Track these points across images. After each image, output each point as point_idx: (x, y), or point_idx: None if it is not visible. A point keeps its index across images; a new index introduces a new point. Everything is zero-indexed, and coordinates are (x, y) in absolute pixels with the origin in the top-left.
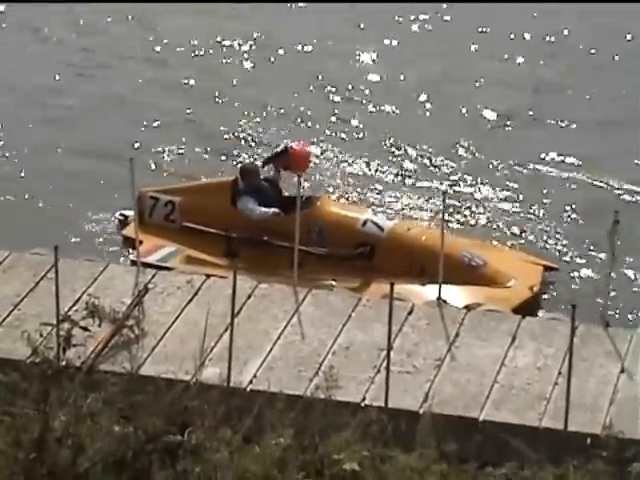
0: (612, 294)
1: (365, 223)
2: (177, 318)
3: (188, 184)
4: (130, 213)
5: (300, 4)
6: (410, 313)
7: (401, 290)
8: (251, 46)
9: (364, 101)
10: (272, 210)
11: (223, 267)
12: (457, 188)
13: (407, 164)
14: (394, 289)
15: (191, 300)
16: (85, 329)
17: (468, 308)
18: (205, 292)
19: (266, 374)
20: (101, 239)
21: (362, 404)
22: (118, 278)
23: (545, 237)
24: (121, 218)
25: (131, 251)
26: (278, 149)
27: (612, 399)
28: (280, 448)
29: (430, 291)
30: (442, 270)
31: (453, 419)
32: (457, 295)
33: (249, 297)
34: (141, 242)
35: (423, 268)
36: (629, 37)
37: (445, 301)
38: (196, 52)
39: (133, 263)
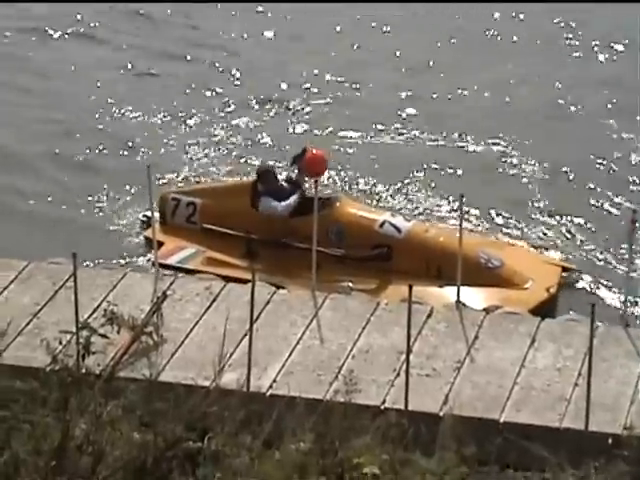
0: (631, 294)
1: (383, 224)
2: (196, 324)
3: (209, 185)
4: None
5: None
6: (429, 316)
7: (419, 292)
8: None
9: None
10: (293, 198)
11: (242, 268)
12: (475, 189)
13: (426, 165)
14: (412, 291)
15: (210, 306)
16: (104, 336)
17: (487, 310)
18: (224, 298)
19: (286, 379)
20: (123, 243)
21: (382, 407)
22: (137, 285)
23: (564, 237)
24: (144, 219)
25: (153, 253)
26: (300, 150)
27: (633, 399)
28: (300, 453)
29: (448, 293)
30: (460, 272)
31: (473, 421)
32: (475, 297)
33: (268, 303)
34: (163, 243)
35: (440, 269)
36: None
37: (464, 304)
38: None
39: (155, 265)
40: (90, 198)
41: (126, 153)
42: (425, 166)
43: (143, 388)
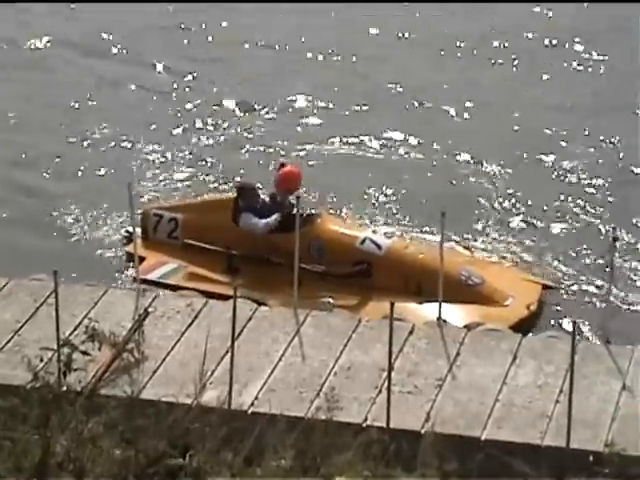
0: (612, 311)
1: (364, 241)
2: (178, 342)
3: (191, 201)
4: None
5: None
6: (410, 333)
7: (399, 309)
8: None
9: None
10: (274, 217)
11: (224, 284)
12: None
13: (406, 183)
14: (394, 308)
15: (191, 323)
16: (85, 353)
17: (468, 327)
18: (205, 315)
19: (267, 396)
20: (105, 259)
21: (364, 425)
22: (118, 302)
23: (544, 255)
24: (126, 235)
25: (134, 268)
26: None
27: (614, 416)
28: (282, 470)
29: (428, 310)
30: (442, 289)
31: (455, 438)
32: (456, 314)
33: (249, 319)
34: (144, 259)
35: (420, 286)
36: None
37: (445, 321)
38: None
39: (136, 280)
40: (70, 215)
41: (106, 169)
42: (406, 181)
43: (124, 405)
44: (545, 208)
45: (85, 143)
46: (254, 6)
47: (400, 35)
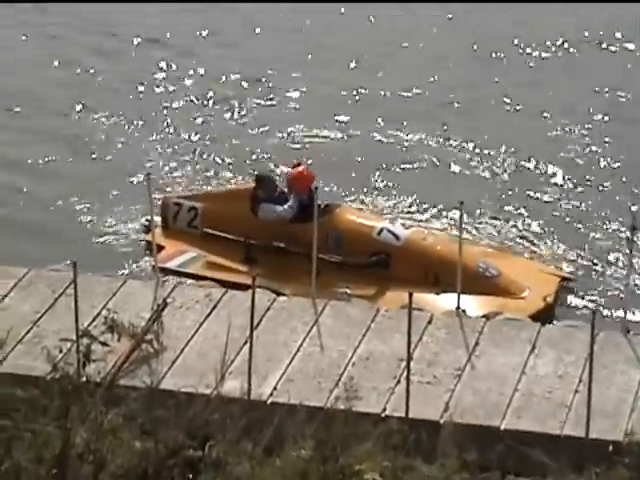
0: (631, 300)
1: (381, 231)
2: (196, 332)
3: (210, 191)
4: (156, 219)
5: None
6: (429, 323)
7: (417, 299)
8: None
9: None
10: (292, 201)
11: (242, 273)
12: (475, 196)
13: (425, 173)
14: (412, 298)
15: (210, 314)
16: (105, 344)
17: (487, 317)
18: (224, 305)
19: (286, 386)
20: (124, 248)
21: (383, 415)
22: (137, 293)
23: (563, 244)
24: (146, 223)
25: (153, 257)
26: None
27: (633, 406)
28: (301, 460)
29: (446, 300)
30: (460, 279)
31: (474, 428)
32: (474, 304)
33: (268, 310)
34: (163, 247)
35: (438, 277)
36: None
37: (464, 310)
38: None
39: (155, 269)
40: (89, 203)
41: (125, 156)
42: (424, 169)
43: (144, 396)
44: (561, 197)
45: (105, 127)
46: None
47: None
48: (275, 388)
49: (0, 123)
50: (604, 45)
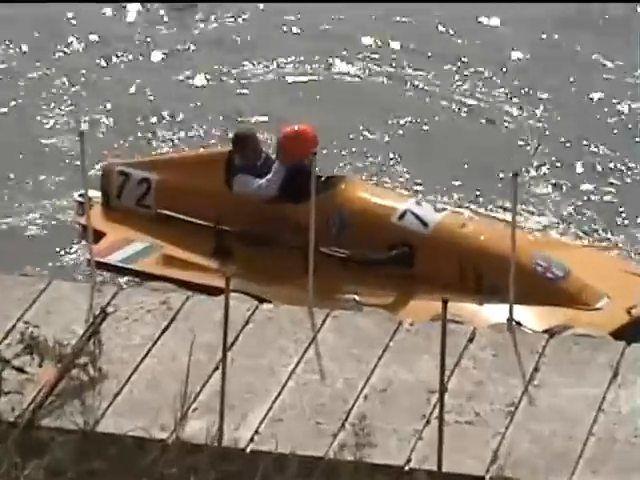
0: None
1: (403, 215)
2: (148, 353)
3: (169, 156)
4: (91, 194)
5: None
6: (470, 341)
7: (454, 308)
8: None
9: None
10: (276, 172)
11: (213, 272)
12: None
13: (465, 137)
14: (447, 307)
15: (167, 328)
16: (21, 370)
17: (551, 333)
18: (187, 316)
19: (272, 429)
20: (49, 236)
21: (406, 467)
22: (65, 299)
23: None
24: (81, 200)
25: (87, 247)
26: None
27: None
28: None
29: (492, 310)
30: (513, 282)
31: None
32: (532, 316)
33: (247, 322)
34: (104, 235)
35: (481, 278)
36: None
37: (519, 323)
38: None
39: (90, 265)
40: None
41: (55, 115)
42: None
43: (75, 442)
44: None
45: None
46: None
47: None
48: (257, 431)
49: None
50: None
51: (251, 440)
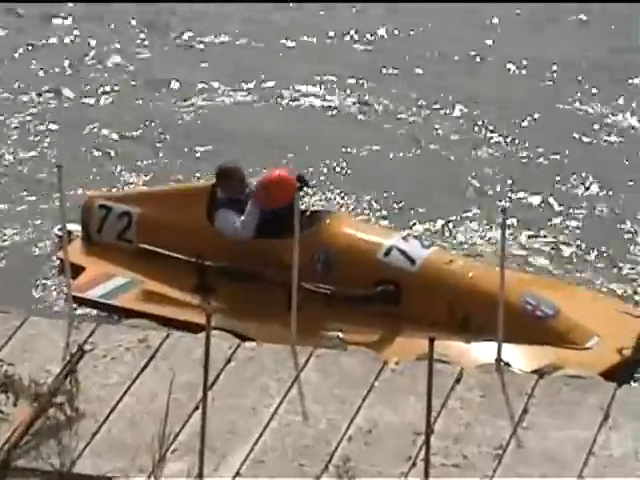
0: None
1: (389, 251)
2: (126, 393)
3: (150, 190)
4: (72, 228)
5: None
6: (458, 381)
7: (441, 347)
8: None
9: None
10: (251, 209)
11: (193, 308)
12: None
13: (455, 170)
14: (434, 346)
15: (146, 366)
16: None
17: (540, 373)
18: (166, 354)
19: (254, 470)
20: (28, 271)
21: None
22: (42, 336)
23: None
24: (60, 234)
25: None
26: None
27: None
28: None
29: (480, 350)
30: (502, 320)
31: None
32: (521, 356)
33: (228, 361)
34: (84, 269)
35: (469, 317)
36: None
37: (507, 364)
38: None
39: (67, 300)
40: None
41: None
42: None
43: None
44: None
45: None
46: None
47: None
48: (238, 473)
49: None
50: None
51: None
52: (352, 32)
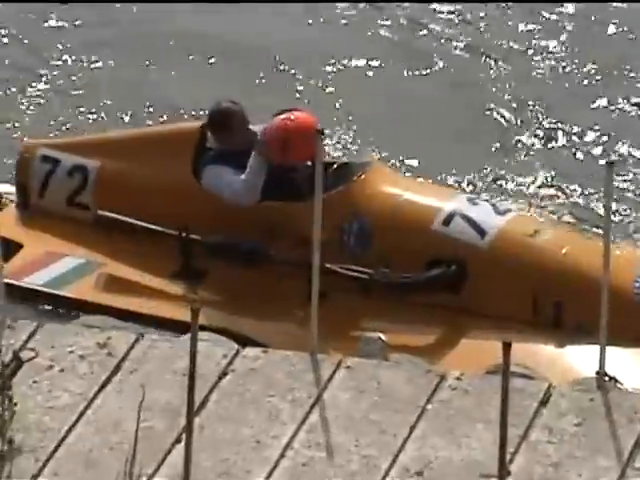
0: None
1: (450, 219)
2: (80, 418)
3: (113, 135)
4: (2, 189)
5: None
6: (544, 403)
7: (520, 354)
8: None
9: None
10: (251, 164)
11: (174, 300)
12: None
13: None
14: (511, 353)
15: (108, 381)
16: None
17: None
18: (136, 365)
19: None
20: None
21: None
22: None
23: None
24: None
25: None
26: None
27: None
28: None
29: (575, 357)
30: (606, 315)
31: None
32: (634, 366)
33: (223, 374)
34: (21, 247)
35: (559, 311)
36: None
37: (615, 378)
38: None
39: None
40: None
41: None
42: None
43: None
44: None
45: None
46: None
47: None
48: None
49: None
50: None
51: None
52: None
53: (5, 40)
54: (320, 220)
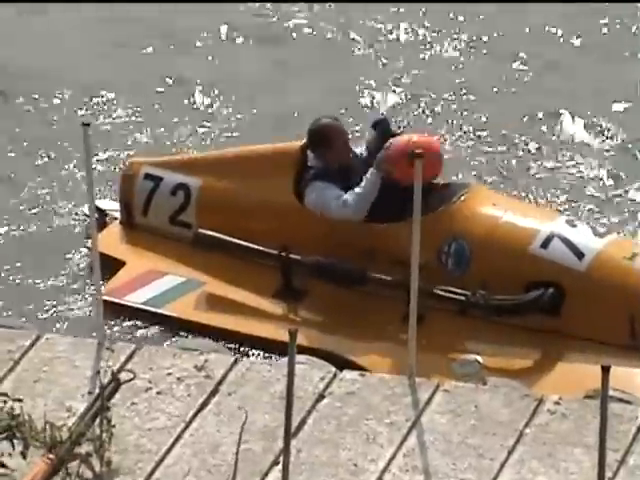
0: None
1: (549, 241)
2: (178, 440)
3: (215, 154)
4: (106, 206)
5: None
6: None
7: (620, 379)
8: None
9: None
10: (370, 178)
11: (274, 320)
12: None
13: None
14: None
15: (206, 404)
16: None
17: None
18: (234, 388)
19: None
20: (46, 268)
21: None
22: (62, 361)
23: None
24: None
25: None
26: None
27: None
28: None
29: None
30: None
31: None
32: None
33: (321, 397)
34: (124, 264)
35: None
36: None
37: None
38: None
39: (96, 306)
40: None
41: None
42: None
43: None
44: None
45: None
46: None
47: None
48: None
49: None
50: None
51: None
52: None
53: None
54: (418, 241)
